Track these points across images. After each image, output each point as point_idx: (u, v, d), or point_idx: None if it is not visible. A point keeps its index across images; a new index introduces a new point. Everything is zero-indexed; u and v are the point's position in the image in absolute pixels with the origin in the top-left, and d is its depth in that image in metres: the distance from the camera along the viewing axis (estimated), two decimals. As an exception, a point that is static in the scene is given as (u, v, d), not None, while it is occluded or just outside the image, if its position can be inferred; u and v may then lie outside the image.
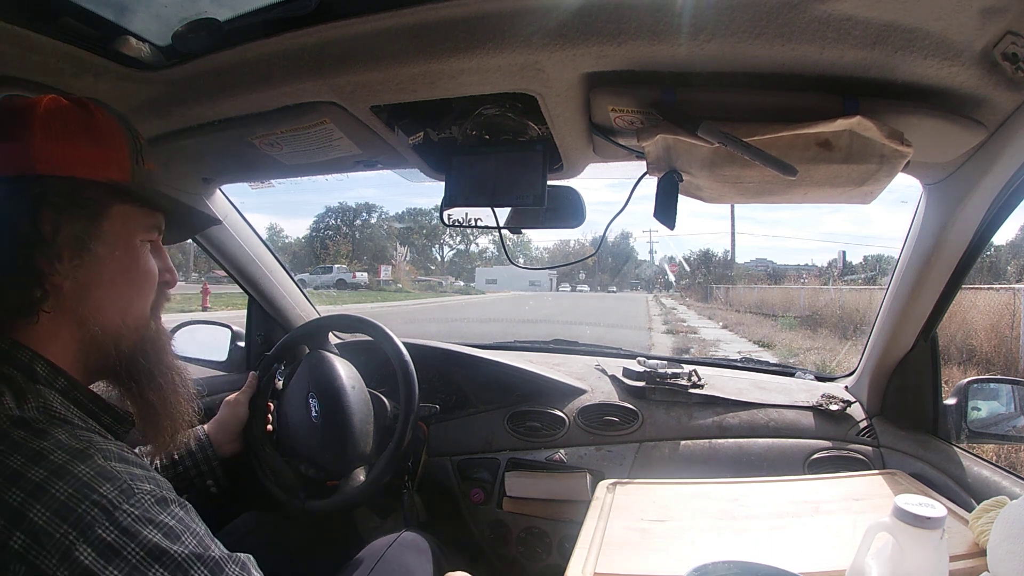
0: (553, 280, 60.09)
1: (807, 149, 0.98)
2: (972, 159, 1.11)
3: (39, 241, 0.74)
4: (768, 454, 1.53)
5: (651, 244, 72.26)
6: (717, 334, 16.64)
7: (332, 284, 36.17)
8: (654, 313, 26.70)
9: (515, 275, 57.27)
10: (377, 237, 64.96)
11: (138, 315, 0.84)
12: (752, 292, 30.05)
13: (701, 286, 44.05)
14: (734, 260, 52.09)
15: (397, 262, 56.76)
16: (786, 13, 0.83)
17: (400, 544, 1.31)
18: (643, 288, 54.79)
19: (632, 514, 1.19)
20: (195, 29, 1.00)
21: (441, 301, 32.36)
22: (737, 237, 51.52)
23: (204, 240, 1.81)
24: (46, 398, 0.72)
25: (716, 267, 51.82)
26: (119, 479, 0.64)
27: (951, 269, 1.31)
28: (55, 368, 0.75)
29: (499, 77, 1.00)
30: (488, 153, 1.28)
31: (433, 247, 71.99)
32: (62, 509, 0.59)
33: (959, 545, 1.00)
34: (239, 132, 1.28)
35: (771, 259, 64.32)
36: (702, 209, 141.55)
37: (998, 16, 0.79)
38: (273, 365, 1.64)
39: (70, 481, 0.61)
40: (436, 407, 1.58)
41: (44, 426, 0.67)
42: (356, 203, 74.59)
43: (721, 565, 0.81)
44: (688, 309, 29.91)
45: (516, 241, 63.99)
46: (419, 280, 54.86)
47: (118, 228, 0.80)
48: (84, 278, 0.77)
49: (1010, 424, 1.51)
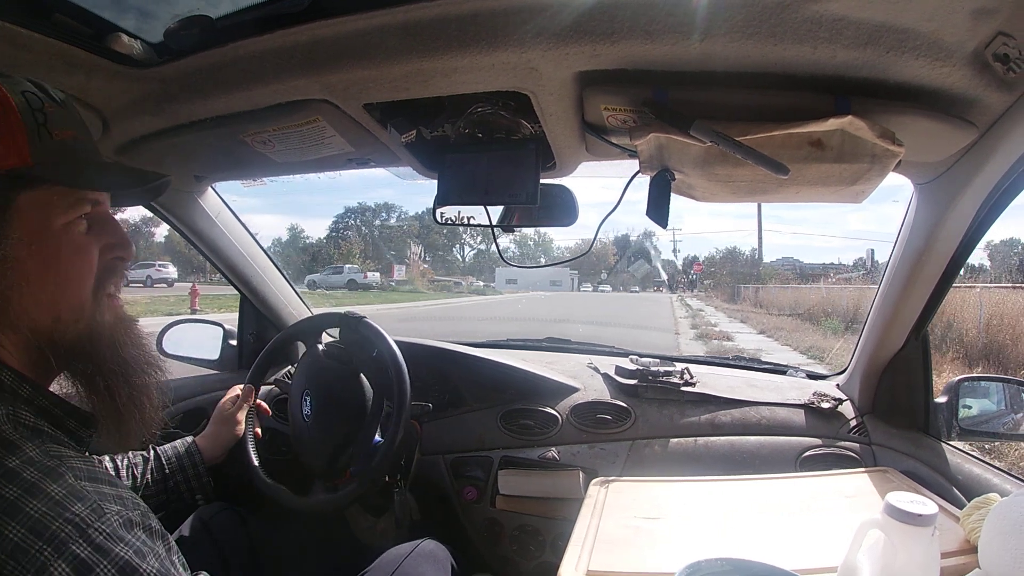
0: (575, 280, 59.32)
1: (799, 148, 0.98)
2: (963, 159, 1.12)
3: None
4: (760, 452, 1.53)
5: (674, 243, 71.80)
6: (756, 341, 14.47)
7: (343, 285, 35.46)
8: (680, 316, 24.11)
9: (535, 275, 56.23)
10: (396, 237, 64.25)
11: (73, 306, 0.75)
12: (785, 292, 28.04)
13: (728, 286, 42.38)
14: (761, 258, 50.38)
15: (411, 262, 55.54)
16: (779, 13, 0.83)
17: (418, 555, 1.29)
18: (666, 288, 53.96)
19: (625, 512, 1.19)
20: (187, 26, 1.00)
21: (446, 303, 30.70)
22: (760, 235, 50.95)
23: (195, 238, 1.81)
24: (13, 408, 0.69)
25: (743, 266, 50.32)
26: (89, 499, 0.63)
27: (942, 268, 1.32)
28: (20, 375, 0.72)
29: (492, 75, 1.00)
30: (481, 151, 1.28)
31: (454, 247, 71.23)
32: (37, 526, 0.59)
33: (950, 542, 1.01)
34: (231, 130, 1.27)
35: (797, 258, 62.90)
36: (724, 209, 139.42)
37: (989, 17, 0.80)
38: (266, 372, 1.64)
39: (43, 500, 0.61)
40: (429, 405, 1.57)
41: (15, 439, 0.65)
42: (375, 203, 74.29)
43: (714, 562, 0.82)
44: (716, 311, 27.28)
45: (537, 241, 63.14)
46: (435, 280, 53.49)
47: (30, 219, 0.71)
48: (2, 283, 0.70)
49: (1000, 422, 1.52)
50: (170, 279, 28.77)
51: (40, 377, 0.75)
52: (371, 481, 1.41)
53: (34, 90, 0.73)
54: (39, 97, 0.73)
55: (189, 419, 1.82)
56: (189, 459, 1.40)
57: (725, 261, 56.77)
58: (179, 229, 1.78)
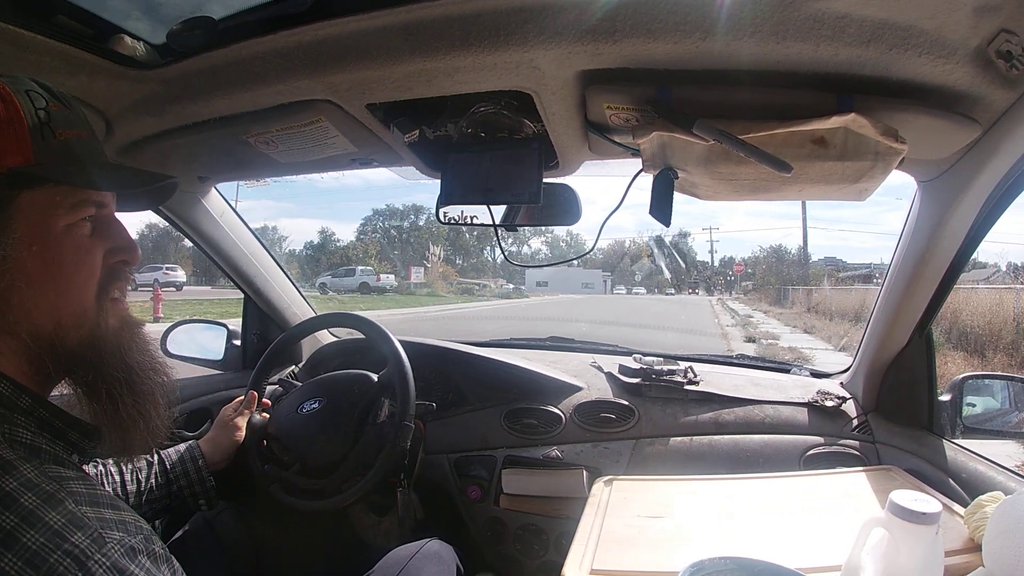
0: (608, 282, 58.67)
1: (802, 146, 0.98)
2: (966, 156, 1.11)
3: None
4: (764, 450, 1.53)
5: (711, 243, 70.48)
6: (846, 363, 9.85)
7: (355, 287, 34.12)
8: (727, 323, 20.23)
9: (567, 277, 54.99)
10: (424, 239, 63.25)
11: (75, 311, 0.73)
12: (846, 295, 22.50)
13: (773, 288, 37.89)
14: (808, 258, 46.88)
15: (430, 263, 53.92)
16: (781, 11, 0.83)
17: (423, 555, 1.28)
18: (703, 290, 52.26)
19: (628, 510, 1.19)
20: (190, 27, 1.00)
21: (459, 308, 27.72)
22: (805, 233, 47.55)
23: (199, 239, 1.81)
24: (11, 423, 0.67)
25: (788, 267, 47.29)
26: (89, 527, 0.61)
27: (946, 265, 1.31)
28: (18, 386, 0.70)
29: (494, 75, 1.01)
30: (484, 151, 1.28)
31: (485, 249, 70.18)
32: (34, 559, 0.57)
33: (954, 540, 1.01)
34: (234, 130, 1.27)
35: (840, 257, 59.47)
36: (760, 209, 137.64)
37: (992, 14, 0.80)
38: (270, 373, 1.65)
39: (41, 530, 0.58)
40: (432, 405, 1.57)
41: (11, 459, 0.62)
42: (403, 205, 73.49)
43: (717, 561, 0.82)
44: (767, 316, 23.23)
45: (569, 242, 62.26)
46: (460, 282, 51.55)
47: (32, 219, 0.70)
48: (1, 286, 0.68)
49: (1005, 420, 1.52)
50: (178, 283, 28.20)
51: (39, 386, 0.73)
52: (375, 481, 1.41)
53: (38, 90, 0.72)
54: (43, 97, 0.72)
55: (194, 419, 1.82)
56: (193, 464, 1.39)
57: (770, 261, 53.80)
58: (183, 230, 1.78)
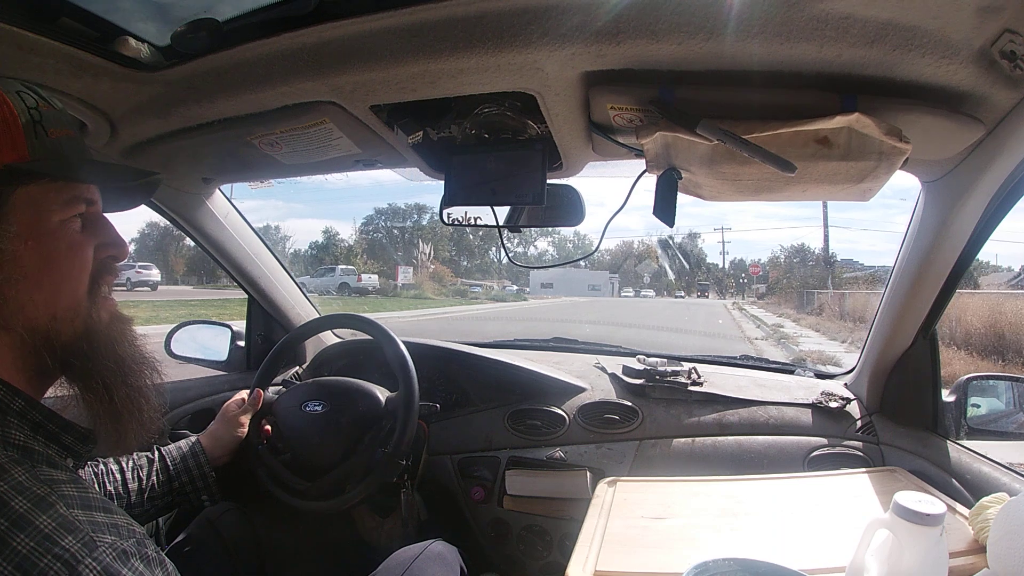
0: (615, 284, 57.89)
1: (805, 146, 0.98)
2: (970, 156, 1.11)
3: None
4: (768, 451, 1.53)
5: (723, 244, 69.39)
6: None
7: (335, 288, 33.25)
8: (754, 336, 17.11)
9: (573, 279, 54.22)
10: (427, 237, 62.09)
11: (70, 304, 0.75)
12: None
13: (795, 291, 35.34)
14: (832, 260, 44.19)
15: (419, 262, 52.90)
16: (785, 12, 0.83)
17: (427, 556, 1.28)
18: (714, 293, 50.77)
19: (632, 512, 1.19)
20: (194, 29, 1.00)
21: (443, 312, 24.80)
22: (827, 234, 42.74)
23: (203, 240, 1.81)
24: (4, 425, 0.67)
25: (810, 269, 45.23)
26: (81, 531, 0.61)
27: (950, 266, 1.31)
28: (11, 388, 0.70)
29: (498, 76, 1.01)
30: (488, 152, 1.29)
31: (490, 250, 69.20)
32: (24, 563, 0.57)
33: (959, 542, 1.01)
34: (238, 132, 1.27)
35: (859, 260, 57.61)
36: (768, 210, 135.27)
37: (996, 14, 0.79)
38: (274, 374, 1.65)
39: (32, 534, 0.58)
40: (436, 406, 1.58)
41: (3, 462, 0.63)
42: (405, 204, 72.12)
43: (722, 562, 0.82)
44: (797, 326, 19.59)
45: (576, 243, 61.47)
46: (457, 283, 49.75)
47: (27, 215, 0.71)
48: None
49: (1009, 421, 1.52)
50: (152, 282, 27.75)
51: (34, 387, 0.74)
52: (378, 481, 1.41)
53: (28, 91, 0.74)
54: (33, 97, 0.74)
55: (198, 420, 1.83)
56: (194, 460, 1.39)
57: (792, 262, 51.72)
58: (187, 231, 1.79)
